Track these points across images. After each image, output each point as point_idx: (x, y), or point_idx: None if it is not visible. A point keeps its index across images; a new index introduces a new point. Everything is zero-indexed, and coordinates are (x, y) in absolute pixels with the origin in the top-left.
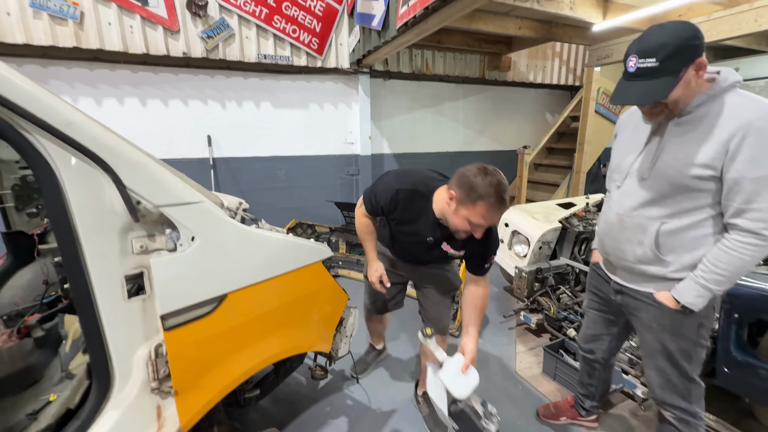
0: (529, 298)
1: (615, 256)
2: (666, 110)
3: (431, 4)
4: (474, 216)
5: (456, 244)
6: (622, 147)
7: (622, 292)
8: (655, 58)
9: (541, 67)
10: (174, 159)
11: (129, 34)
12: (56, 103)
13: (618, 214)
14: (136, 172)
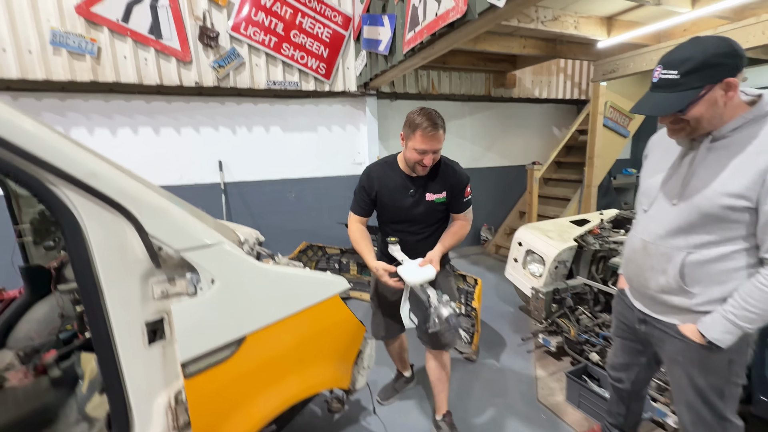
0: (548, 320)
1: (638, 283)
2: (688, 128)
3: (438, 30)
4: (417, 143)
5: (435, 187)
6: (652, 169)
7: (646, 322)
8: (677, 71)
9: (546, 82)
10: (186, 185)
11: (143, 66)
12: (81, 156)
13: (643, 240)
14: (158, 219)
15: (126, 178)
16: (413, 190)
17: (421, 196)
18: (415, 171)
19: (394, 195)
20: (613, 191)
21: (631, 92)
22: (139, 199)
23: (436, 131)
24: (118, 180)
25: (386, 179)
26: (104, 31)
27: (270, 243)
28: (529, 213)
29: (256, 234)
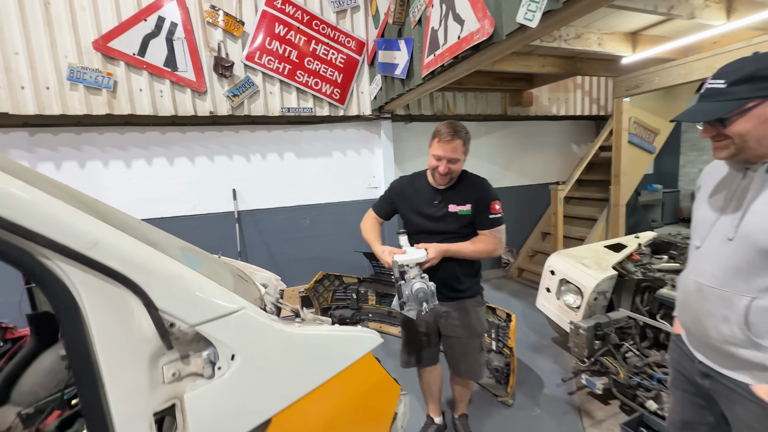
0: (590, 358)
1: (697, 331)
2: (732, 147)
3: (461, 53)
4: (434, 149)
5: (459, 199)
6: (704, 202)
7: (710, 376)
8: (724, 80)
9: (564, 99)
10: (199, 215)
11: (159, 98)
12: (80, 223)
13: (697, 282)
14: (170, 290)
15: (133, 242)
16: (437, 201)
17: (445, 206)
18: (435, 180)
19: (416, 205)
20: (641, 208)
21: (656, 107)
22: (147, 267)
23: (452, 139)
24: (123, 247)
25: (408, 190)
26: (120, 65)
27: (284, 271)
28: (554, 235)
29: (276, 281)
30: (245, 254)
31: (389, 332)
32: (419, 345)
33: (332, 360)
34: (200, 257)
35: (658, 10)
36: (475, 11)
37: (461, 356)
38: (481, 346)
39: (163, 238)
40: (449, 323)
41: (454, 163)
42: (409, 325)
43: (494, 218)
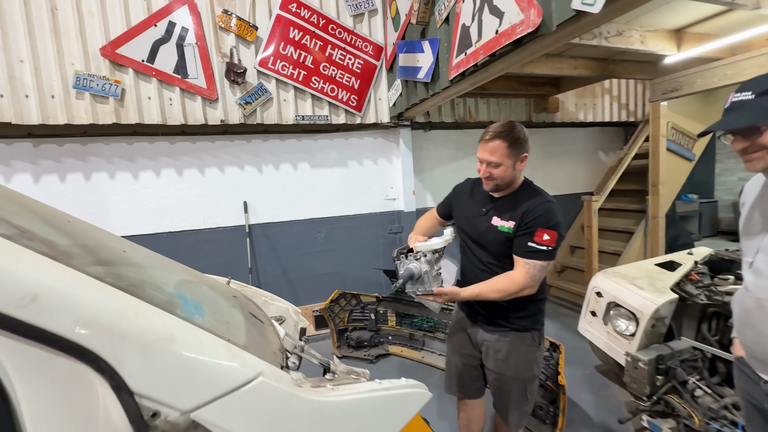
0: (652, 397)
1: (761, 351)
2: (766, 157)
3: (500, 49)
4: (478, 152)
5: (505, 213)
6: (750, 217)
7: None
8: (751, 91)
9: (591, 105)
10: (208, 229)
11: (168, 106)
12: (11, 266)
13: (757, 298)
14: (153, 362)
15: (98, 290)
16: (485, 209)
17: (490, 218)
18: (485, 186)
19: (467, 210)
20: (679, 220)
21: (694, 111)
22: (119, 329)
23: (491, 139)
24: (81, 299)
25: (465, 192)
26: (129, 72)
27: (297, 288)
28: (588, 249)
29: (295, 314)
30: (256, 271)
31: (411, 357)
32: (458, 370)
33: (374, 431)
34: (202, 295)
35: (721, 0)
36: (519, 1)
37: (498, 395)
38: (526, 392)
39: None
40: (489, 354)
41: (495, 167)
42: (451, 344)
43: (535, 249)
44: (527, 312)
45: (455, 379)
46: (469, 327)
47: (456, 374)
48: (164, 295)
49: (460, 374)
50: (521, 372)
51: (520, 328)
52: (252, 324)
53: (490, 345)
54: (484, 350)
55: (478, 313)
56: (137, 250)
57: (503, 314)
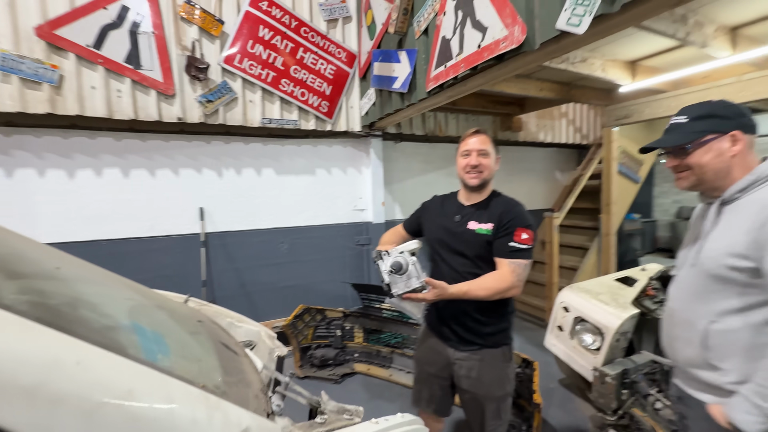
0: (618, 411)
1: (671, 355)
2: (693, 177)
3: (481, 63)
4: (462, 147)
5: (482, 217)
6: (686, 237)
7: (681, 399)
8: (686, 115)
9: (550, 127)
10: (157, 237)
11: (116, 98)
12: None
13: (670, 307)
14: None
15: (18, 326)
16: (460, 216)
17: (466, 223)
18: (468, 183)
19: (439, 218)
20: (627, 237)
21: (640, 137)
22: (47, 392)
23: (477, 132)
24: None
25: (435, 205)
26: (70, 57)
27: (257, 302)
28: (549, 264)
29: (269, 338)
30: (211, 283)
31: (378, 375)
32: (429, 385)
33: None
34: (161, 323)
35: (677, 35)
36: (503, 17)
37: (471, 415)
38: (500, 412)
39: (98, 294)
40: (461, 373)
41: (485, 156)
42: (419, 362)
43: (516, 248)
44: (497, 327)
45: (426, 393)
46: (440, 346)
47: (427, 389)
48: (115, 329)
49: (431, 389)
50: (494, 390)
51: (492, 344)
52: (226, 358)
53: (462, 364)
54: (456, 369)
55: (449, 330)
56: (76, 265)
57: (475, 330)
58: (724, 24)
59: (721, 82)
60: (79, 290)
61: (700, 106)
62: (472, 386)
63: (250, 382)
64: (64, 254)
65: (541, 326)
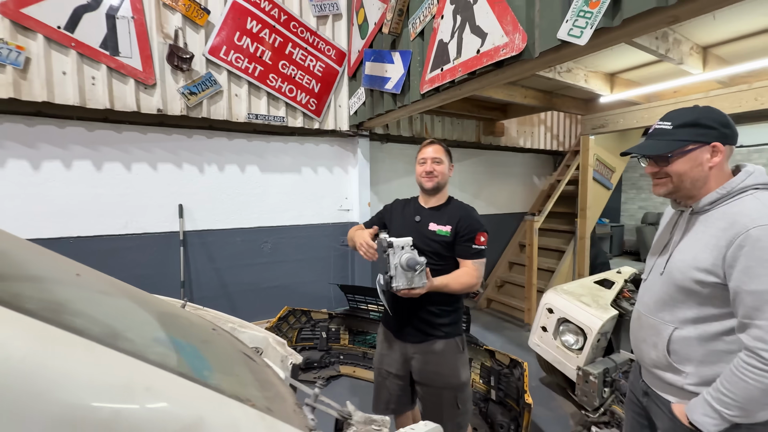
0: (600, 408)
1: (637, 354)
2: (670, 185)
3: (480, 68)
4: (419, 156)
5: (441, 219)
6: (654, 242)
7: (648, 394)
8: (671, 122)
9: (530, 133)
10: (131, 234)
11: (89, 86)
12: None
13: (638, 310)
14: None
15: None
16: (419, 217)
17: (427, 224)
18: (423, 186)
19: (402, 220)
20: (598, 240)
21: (613, 146)
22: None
23: (431, 143)
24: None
25: (398, 207)
26: (38, 38)
27: (238, 303)
28: (529, 266)
29: (279, 345)
30: (189, 284)
31: (364, 377)
32: (387, 390)
33: None
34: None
35: (658, 51)
36: (503, 24)
37: (430, 409)
38: (457, 401)
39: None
40: (419, 367)
41: (439, 163)
42: (378, 365)
43: (478, 250)
44: (451, 319)
45: (384, 395)
46: (396, 344)
47: (385, 391)
48: (158, 345)
49: (389, 391)
50: (450, 379)
51: (445, 335)
52: (255, 370)
53: (418, 357)
54: (414, 364)
55: (406, 325)
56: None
57: (431, 322)
58: (697, 43)
59: (689, 97)
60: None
61: (686, 113)
62: (429, 379)
63: (284, 396)
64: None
65: (520, 326)
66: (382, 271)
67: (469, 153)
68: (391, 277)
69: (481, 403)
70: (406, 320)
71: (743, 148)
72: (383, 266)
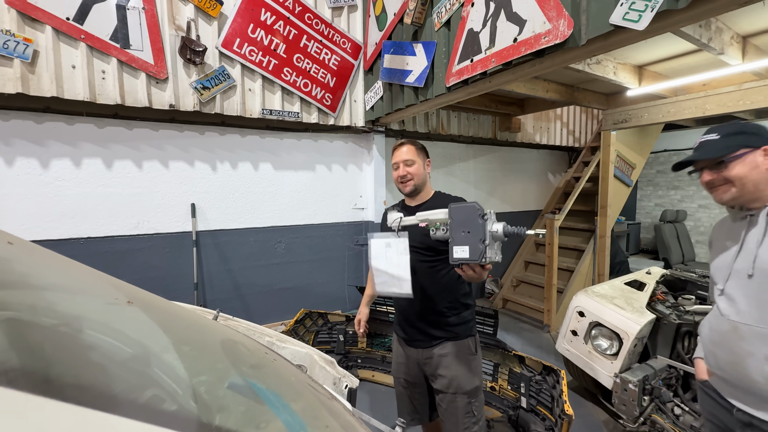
0: (640, 417)
1: (736, 374)
2: (734, 190)
3: (517, 58)
4: (392, 161)
5: None
6: (719, 251)
7: (753, 425)
8: (717, 133)
9: (546, 128)
10: (143, 235)
11: (100, 80)
12: None
13: (731, 321)
14: None
15: None
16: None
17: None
18: (402, 192)
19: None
20: (616, 239)
21: (632, 142)
22: None
23: (401, 144)
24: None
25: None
26: (46, 30)
27: (251, 305)
28: (549, 266)
29: (330, 368)
30: (202, 286)
31: (383, 382)
32: (409, 398)
33: None
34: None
35: (701, 40)
36: (545, 9)
37: (446, 417)
38: (472, 408)
39: (184, 345)
40: (430, 372)
41: (410, 165)
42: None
43: None
44: (462, 318)
45: (407, 407)
46: (409, 351)
47: (407, 401)
48: (243, 403)
49: (411, 401)
50: (464, 384)
51: (456, 336)
52: (333, 413)
53: (430, 362)
54: (426, 369)
55: (414, 330)
56: (135, 295)
57: (439, 323)
58: (738, 32)
59: (720, 90)
60: (142, 323)
61: (729, 126)
62: (440, 384)
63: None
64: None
65: (538, 327)
66: (469, 241)
67: (485, 150)
68: (485, 245)
69: (510, 411)
70: (413, 325)
71: None
72: (475, 234)
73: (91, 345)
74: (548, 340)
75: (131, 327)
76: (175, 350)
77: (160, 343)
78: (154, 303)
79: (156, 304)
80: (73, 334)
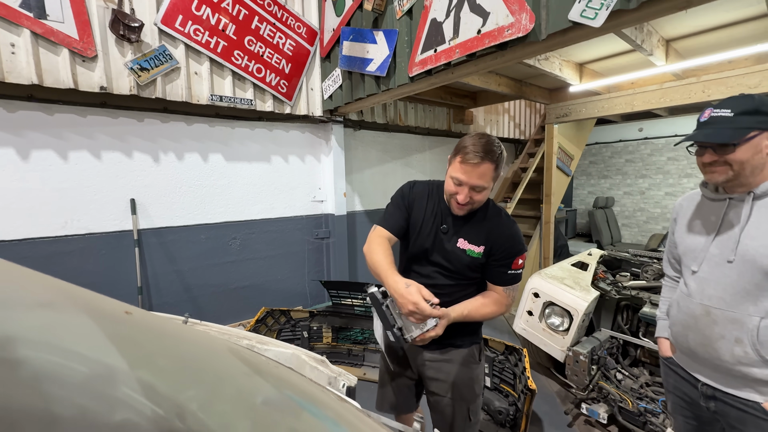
0: (589, 385)
1: (706, 354)
2: (730, 172)
3: (481, 50)
4: (454, 170)
5: (472, 235)
6: (687, 229)
7: (716, 398)
8: (731, 110)
9: (495, 121)
10: (73, 236)
11: (8, 55)
12: None
13: (703, 305)
14: None
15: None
16: (446, 226)
17: (453, 237)
18: (451, 211)
19: (424, 220)
20: (556, 225)
21: (571, 135)
22: None
23: (481, 162)
24: None
25: (424, 196)
26: None
27: (204, 306)
28: None
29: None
30: (147, 290)
31: None
32: (389, 389)
33: None
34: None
35: (636, 41)
36: (508, 3)
37: (440, 418)
38: (470, 414)
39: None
40: (429, 375)
41: (479, 192)
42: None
43: (515, 275)
44: (467, 326)
45: (390, 397)
46: (409, 350)
47: (390, 392)
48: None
49: (394, 392)
50: (465, 394)
51: (461, 344)
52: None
53: (431, 365)
54: (425, 371)
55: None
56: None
57: (448, 332)
58: (662, 36)
59: (646, 88)
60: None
61: (744, 101)
62: (441, 389)
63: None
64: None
65: None
66: (387, 327)
67: (440, 141)
68: (400, 329)
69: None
70: None
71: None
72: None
73: (33, 373)
74: (501, 321)
75: (83, 342)
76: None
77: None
78: (107, 308)
79: (110, 310)
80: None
